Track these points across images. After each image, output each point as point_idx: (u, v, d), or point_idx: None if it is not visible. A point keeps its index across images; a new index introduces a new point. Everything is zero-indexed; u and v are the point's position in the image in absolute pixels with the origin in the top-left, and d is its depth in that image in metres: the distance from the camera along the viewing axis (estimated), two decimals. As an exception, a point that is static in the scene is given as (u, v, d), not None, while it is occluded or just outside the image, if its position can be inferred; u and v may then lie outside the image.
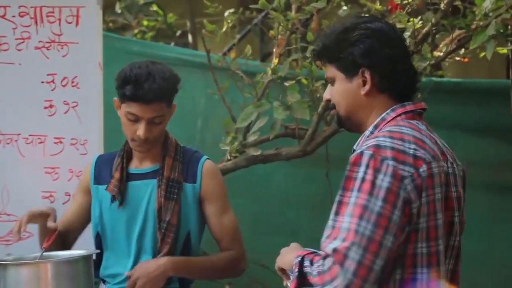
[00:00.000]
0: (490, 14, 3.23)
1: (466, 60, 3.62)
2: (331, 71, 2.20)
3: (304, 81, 3.77)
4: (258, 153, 3.79)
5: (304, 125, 3.89)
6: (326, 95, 2.25)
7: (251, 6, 3.70)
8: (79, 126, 3.29)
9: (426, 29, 3.57)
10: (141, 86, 2.59)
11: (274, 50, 3.84)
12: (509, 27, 3.33)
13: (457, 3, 3.63)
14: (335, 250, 1.96)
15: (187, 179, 2.71)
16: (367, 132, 2.13)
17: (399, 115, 2.12)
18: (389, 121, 2.11)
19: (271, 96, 3.72)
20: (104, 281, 2.78)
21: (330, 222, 2.02)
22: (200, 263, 2.70)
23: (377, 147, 2.01)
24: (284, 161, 3.94)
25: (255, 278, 3.98)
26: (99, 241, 2.75)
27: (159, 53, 4.37)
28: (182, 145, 2.81)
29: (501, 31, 3.21)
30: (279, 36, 3.76)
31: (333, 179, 4.12)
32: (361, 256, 1.94)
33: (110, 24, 6.57)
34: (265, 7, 3.53)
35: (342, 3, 4.48)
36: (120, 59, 4.10)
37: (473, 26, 3.22)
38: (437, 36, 3.76)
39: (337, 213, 2.01)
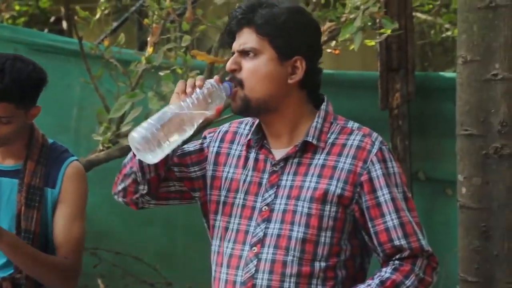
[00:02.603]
0: (361, 6, 3.31)
1: (336, 52, 3.70)
2: (259, 43, 2.04)
3: (179, 70, 3.74)
4: (132, 143, 3.74)
5: (179, 115, 3.86)
6: (233, 65, 2.06)
7: (124, -7, 3.65)
8: None
9: (299, 21, 3.61)
10: None
11: (148, 39, 3.80)
12: (377, 20, 3.42)
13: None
14: (423, 247, 2.05)
15: (48, 184, 2.59)
16: (318, 125, 2.08)
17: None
18: (330, 114, 2.12)
19: (146, 85, 3.68)
20: None
21: (400, 220, 2.04)
22: (33, 251, 2.53)
23: (383, 141, 2.10)
24: (160, 151, 3.90)
25: (128, 270, 3.95)
26: None
27: (31, 40, 4.25)
28: (52, 141, 2.67)
29: (370, 23, 3.30)
30: (154, 25, 3.73)
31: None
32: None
33: (-22, 9, 6.33)
34: (138, -5, 3.49)
35: (219, -9, 4.48)
36: (-11, 45, 3.98)
37: (343, 19, 3.29)
38: (310, 28, 3.81)
39: (402, 210, 2.05)
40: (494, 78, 2.60)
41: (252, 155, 2.14)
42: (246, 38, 2.06)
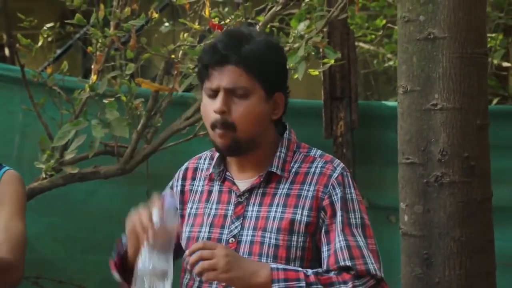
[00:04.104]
0: (305, 36, 3.35)
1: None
2: (250, 83, 2.01)
3: (123, 98, 3.73)
4: (76, 171, 3.71)
5: (125, 142, 3.85)
6: (224, 107, 2.00)
7: (67, 21, 3.63)
8: None
9: (243, 49, 3.63)
10: None
11: (92, 66, 3.79)
12: (321, 49, 3.47)
13: (275, 24, 3.75)
14: (370, 271, 2.02)
15: None
16: (282, 155, 2.07)
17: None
18: (293, 143, 2.12)
19: (90, 113, 3.65)
20: None
21: (350, 243, 2.03)
22: None
23: (346, 168, 2.10)
24: (105, 179, 3.88)
25: (71, 300, 3.89)
26: None
27: (-30, 67, 4.21)
28: None
29: (313, 53, 3.34)
30: (98, 53, 3.72)
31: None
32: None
33: None
34: (81, 22, 3.47)
35: (165, 19, 4.49)
36: None
37: (287, 48, 3.33)
38: (254, 57, 3.83)
39: (352, 235, 2.03)
40: (433, 107, 2.64)
41: (216, 188, 2.12)
42: (236, 77, 2.01)
